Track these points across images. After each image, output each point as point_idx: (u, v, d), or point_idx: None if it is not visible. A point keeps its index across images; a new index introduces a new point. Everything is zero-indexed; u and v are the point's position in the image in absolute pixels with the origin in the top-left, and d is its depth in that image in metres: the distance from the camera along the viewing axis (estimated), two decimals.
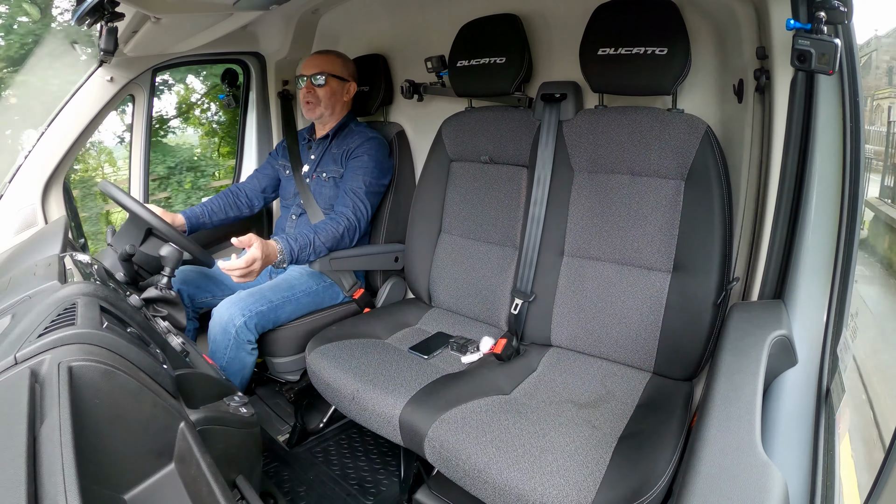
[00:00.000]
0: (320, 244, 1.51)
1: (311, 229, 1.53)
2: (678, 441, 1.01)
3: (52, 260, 0.99)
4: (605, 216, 1.36)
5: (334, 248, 1.56)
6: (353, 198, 1.62)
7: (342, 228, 1.56)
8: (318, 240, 1.50)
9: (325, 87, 1.70)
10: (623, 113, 1.34)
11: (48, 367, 0.59)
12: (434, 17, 1.79)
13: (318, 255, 1.52)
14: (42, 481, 0.45)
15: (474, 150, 1.62)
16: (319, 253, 1.52)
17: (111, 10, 1.23)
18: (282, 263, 1.45)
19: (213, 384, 0.92)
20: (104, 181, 1.36)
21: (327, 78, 1.69)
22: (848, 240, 0.91)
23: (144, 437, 0.63)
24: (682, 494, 0.66)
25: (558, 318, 1.41)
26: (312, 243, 1.49)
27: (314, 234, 1.51)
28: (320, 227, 1.54)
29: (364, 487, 1.47)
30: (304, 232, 1.51)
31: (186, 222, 1.65)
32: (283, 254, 1.44)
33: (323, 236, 1.52)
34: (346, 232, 1.57)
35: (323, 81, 1.69)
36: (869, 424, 1.07)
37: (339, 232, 1.55)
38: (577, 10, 1.40)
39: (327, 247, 1.53)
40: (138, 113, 1.81)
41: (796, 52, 0.84)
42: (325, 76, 1.69)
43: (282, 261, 1.44)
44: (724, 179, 1.20)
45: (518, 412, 1.13)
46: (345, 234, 1.57)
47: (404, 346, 1.47)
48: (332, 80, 1.71)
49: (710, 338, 1.20)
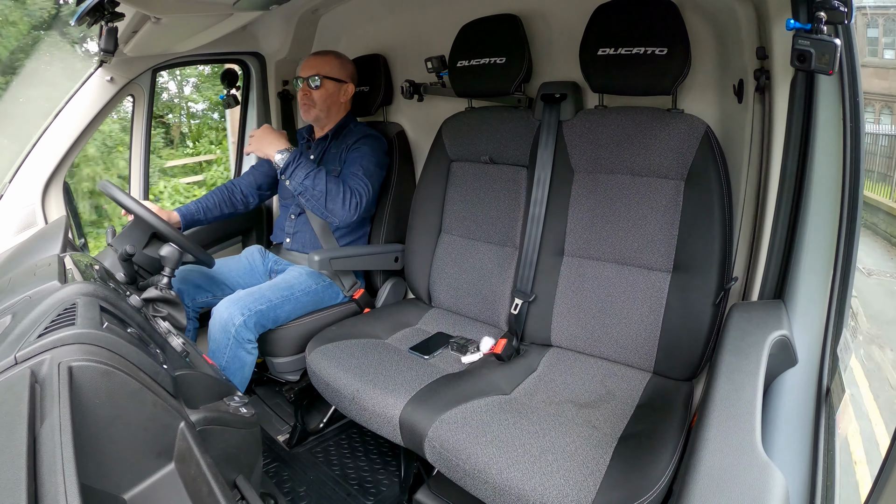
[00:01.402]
0: (320, 181, 1.51)
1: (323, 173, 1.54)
2: (678, 441, 1.01)
3: (52, 260, 0.99)
4: (605, 216, 1.36)
5: (329, 197, 1.52)
6: (353, 176, 1.61)
7: (345, 188, 1.54)
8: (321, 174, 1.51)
9: (321, 90, 1.69)
10: (623, 113, 1.34)
11: (48, 367, 0.59)
12: (434, 17, 1.79)
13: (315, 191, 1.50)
14: (42, 481, 0.45)
15: (474, 150, 1.62)
16: (317, 192, 1.50)
17: (111, 11, 1.23)
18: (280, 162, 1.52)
19: (213, 384, 0.91)
20: (104, 181, 1.36)
21: (322, 80, 1.68)
22: (848, 240, 0.91)
23: (144, 437, 0.63)
24: (683, 494, 0.66)
25: (558, 318, 1.41)
26: (316, 174, 1.51)
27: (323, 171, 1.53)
28: (328, 178, 1.54)
29: (364, 487, 1.47)
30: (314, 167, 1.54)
31: (182, 219, 1.65)
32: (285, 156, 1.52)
33: (326, 182, 1.51)
34: (349, 193, 1.54)
35: (318, 83, 1.68)
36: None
37: (340, 189, 1.53)
38: (577, 10, 1.40)
39: (322, 192, 1.51)
40: (138, 113, 1.82)
41: (796, 52, 0.84)
42: (321, 78, 1.68)
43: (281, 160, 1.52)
44: (724, 179, 1.20)
45: (518, 412, 1.13)
46: (348, 194, 1.54)
47: (404, 346, 1.47)
48: (327, 81, 1.70)
49: (710, 338, 1.20)
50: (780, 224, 1.00)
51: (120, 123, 3.92)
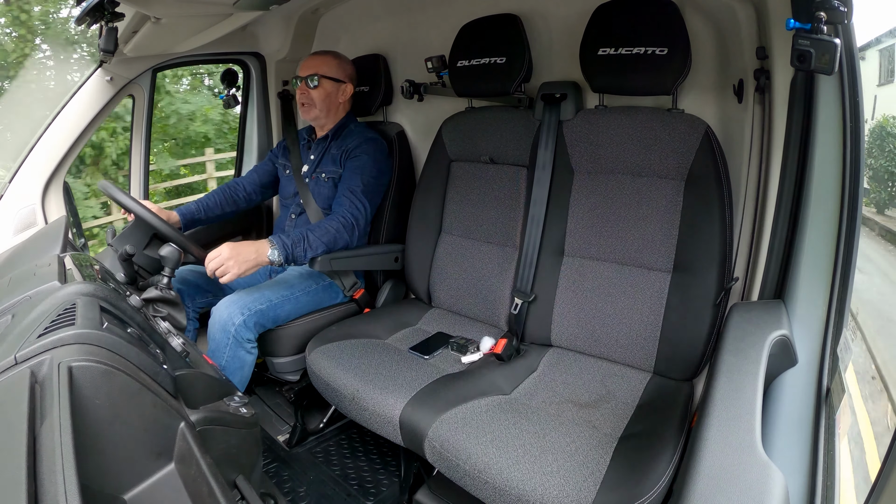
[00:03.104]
0: (315, 239, 1.48)
1: (304, 227, 1.52)
2: (678, 441, 1.01)
3: (52, 260, 0.99)
4: (606, 216, 1.36)
5: (332, 246, 1.53)
6: (349, 196, 1.60)
7: (336, 225, 1.53)
8: (311, 235, 1.48)
9: (319, 89, 1.69)
10: (623, 113, 1.34)
11: (48, 367, 0.59)
12: (434, 17, 1.79)
13: (315, 251, 1.49)
14: (42, 481, 0.45)
15: (474, 150, 1.62)
16: (316, 250, 1.49)
17: (111, 11, 1.23)
18: (278, 260, 1.42)
19: (213, 384, 0.91)
20: (104, 181, 1.37)
21: (321, 79, 1.68)
22: (848, 240, 0.91)
23: (144, 437, 0.63)
24: (683, 494, 0.66)
25: (558, 318, 1.41)
26: (306, 238, 1.47)
27: (307, 230, 1.49)
28: (314, 225, 1.53)
29: (364, 487, 1.47)
30: (298, 230, 1.50)
31: (182, 219, 1.65)
32: (275, 247, 1.42)
33: (317, 232, 1.50)
34: (342, 229, 1.53)
35: (316, 83, 1.68)
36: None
37: (332, 228, 1.52)
38: (577, 10, 1.40)
39: (323, 242, 1.50)
40: (138, 113, 1.82)
41: (796, 52, 0.83)
42: (319, 77, 1.68)
43: (277, 258, 1.42)
44: (724, 179, 1.20)
45: (518, 412, 1.13)
46: (341, 230, 1.53)
47: (404, 346, 1.47)
48: (325, 81, 1.69)
49: (710, 338, 1.20)
50: (780, 224, 1.00)
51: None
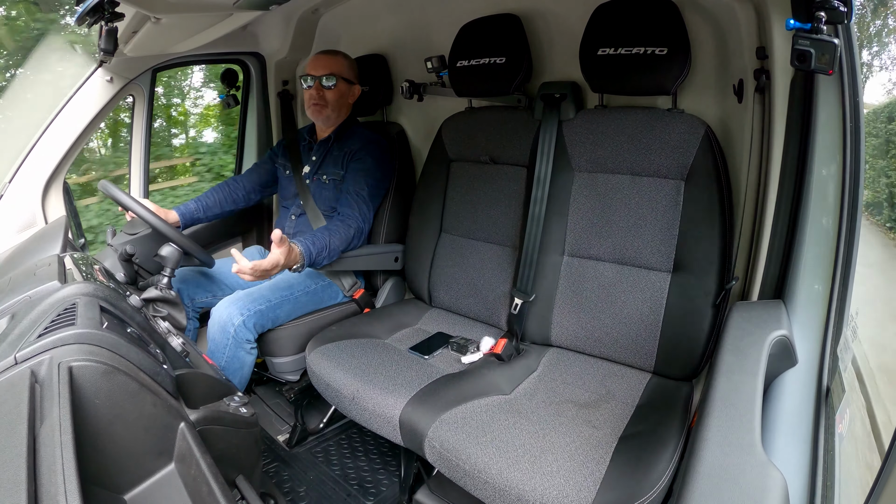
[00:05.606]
0: (335, 247, 1.48)
1: (325, 232, 1.48)
2: (678, 441, 1.02)
3: (52, 260, 0.99)
4: (606, 216, 1.36)
5: (345, 252, 1.55)
6: (357, 200, 1.60)
7: (353, 231, 1.54)
8: (333, 242, 1.47)
9: (335, 90, 1.67)
10: (623, 113, 1.34)
11: (48, 367, 0.59)
12: (434, 17, 1.79)
13: (332, 258, 1.49)
14: (42, 481, 0.45)
15: (474, 150, 1.62)
16: (333, 256, 1.49)
17: (111, 11, 1.23)
18: (300, 268, 1.40)
19: (213, 384, 0.91)
20: (104, 181, 1.37)
21: (338, 80, 1.66)
22: (848, 240, 0.91)
23: (144, 437, 0.63)
24: (683, 494, 0.66)
25: (558, 318, 1.41)
26: (328, 246, 1.46)
27: (329, 236, 1.47)
28: (334, 230, 1.50)
29: (364, 487, 1.47)
30: (320, 235, 1.47)
31: (181, 218, 1.65)
32: (302, 258, 1.38)
33: (337, 239, 1.49)
34: (356, 235, 1.56)
35: (333, 83, 1.66)
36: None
37: (350, 235, 1.53)
38: (577, 10, 1.40)
39: (340, 250, 1.51)
40: (138, 113, 1.82)
41: (796, 52, 0.83)
42: (336, 78, 1.66)
43: (301, 266, 1.39)
44: (724, 179, 1.20)
45: (518, 412, 1.13)
46: (355, 236, 1.56)
47: (404, 346, 1.47)
48: (341, 82, 1.68)
49: (710, 338, 1.20)
50: (780, 224, 1.00)
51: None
